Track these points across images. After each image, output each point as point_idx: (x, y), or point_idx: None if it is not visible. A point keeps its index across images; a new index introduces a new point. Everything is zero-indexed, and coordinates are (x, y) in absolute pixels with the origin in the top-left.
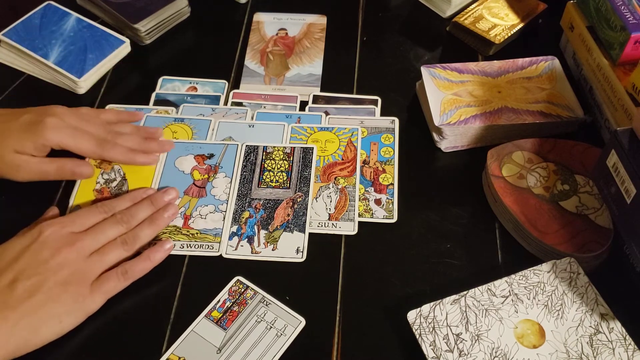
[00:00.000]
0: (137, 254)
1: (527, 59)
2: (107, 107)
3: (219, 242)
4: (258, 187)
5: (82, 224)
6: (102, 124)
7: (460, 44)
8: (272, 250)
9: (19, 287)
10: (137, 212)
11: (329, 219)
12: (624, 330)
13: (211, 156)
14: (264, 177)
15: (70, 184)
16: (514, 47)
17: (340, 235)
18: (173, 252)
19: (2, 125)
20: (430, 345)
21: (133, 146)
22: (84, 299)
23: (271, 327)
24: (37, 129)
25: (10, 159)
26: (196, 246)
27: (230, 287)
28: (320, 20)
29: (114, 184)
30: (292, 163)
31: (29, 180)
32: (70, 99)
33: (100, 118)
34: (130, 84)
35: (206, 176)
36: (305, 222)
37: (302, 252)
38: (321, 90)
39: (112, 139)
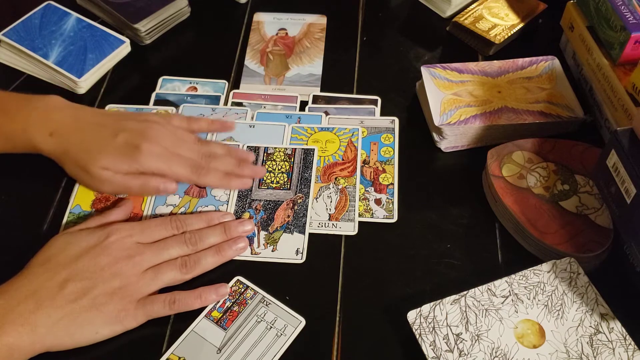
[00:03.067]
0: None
1: (527, 59)
2: (107, 107)
3: None
4: (258, 188)
5: (151, 235)
6: (195, 144)
7: (460, 44)
8: (272, 251)
9: (69, 287)
10: (207, 237)
11: (329, 219)
12: (624, 330)
13: None
14: (265, 178)
15: (70, 183)
16: (514, 47)
17: (341, 236)
18: None
19: (96, 139)
20: (430, 345)
21: (227, 170)
22: (126, 314)
23: (271, 327)
24: (134, 154)
25: (97, 173)
26: None
27: (230, 287)
28: (320, 20)
29: None
30: (293, 164)
31: (111, 194)
32: (70, 99)
33: (194, 130)
34: (130, 84)
35: None
36: (306, 223)
37: (302, 253)
38: (321, 90)
39: (206, 164)
